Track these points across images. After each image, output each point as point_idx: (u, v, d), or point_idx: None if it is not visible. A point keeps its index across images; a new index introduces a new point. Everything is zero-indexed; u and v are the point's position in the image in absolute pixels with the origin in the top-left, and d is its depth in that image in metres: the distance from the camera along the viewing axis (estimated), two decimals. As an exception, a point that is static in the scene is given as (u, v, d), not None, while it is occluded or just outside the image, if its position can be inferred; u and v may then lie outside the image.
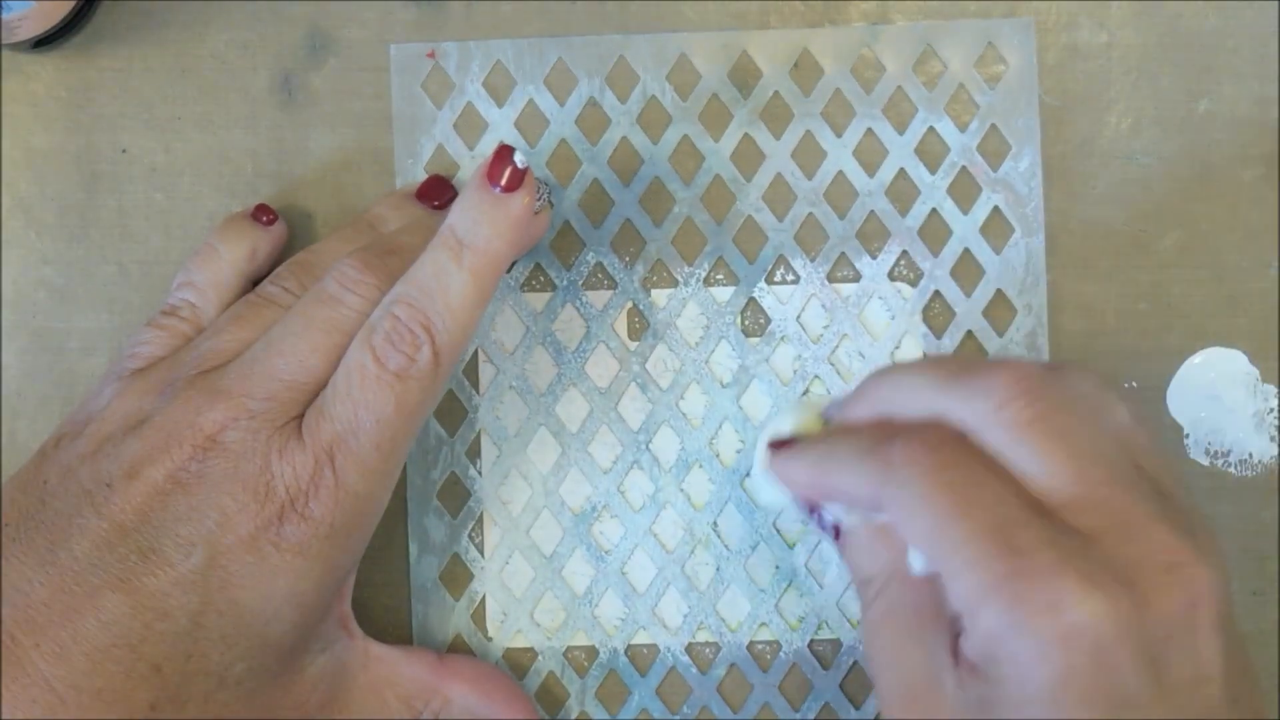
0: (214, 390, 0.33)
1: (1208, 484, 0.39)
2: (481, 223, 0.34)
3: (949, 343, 0.39)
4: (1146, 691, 0.26)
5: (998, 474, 0.28)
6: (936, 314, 0.40)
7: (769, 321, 0.40)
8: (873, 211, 0.40)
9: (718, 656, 0.39)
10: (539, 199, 0.36)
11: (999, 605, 0.26)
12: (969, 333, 0.39)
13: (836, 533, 0.32)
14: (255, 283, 0.37)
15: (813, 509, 0.32)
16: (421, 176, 0.40)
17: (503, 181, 0.34)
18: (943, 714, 0.28)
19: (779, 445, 0.33)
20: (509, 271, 0.40)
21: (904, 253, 0.40)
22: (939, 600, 0.28)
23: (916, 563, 0.29)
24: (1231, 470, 0.39)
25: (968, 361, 0.30)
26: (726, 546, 0.39)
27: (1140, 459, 0.29)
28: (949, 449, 0.28)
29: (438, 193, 0.39)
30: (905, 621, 0.29)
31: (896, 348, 0.39)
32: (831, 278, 0.40)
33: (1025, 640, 0.26)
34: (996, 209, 0.40)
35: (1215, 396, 0.39)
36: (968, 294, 0.39)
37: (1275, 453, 0.39)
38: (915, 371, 0.30)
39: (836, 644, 0.39)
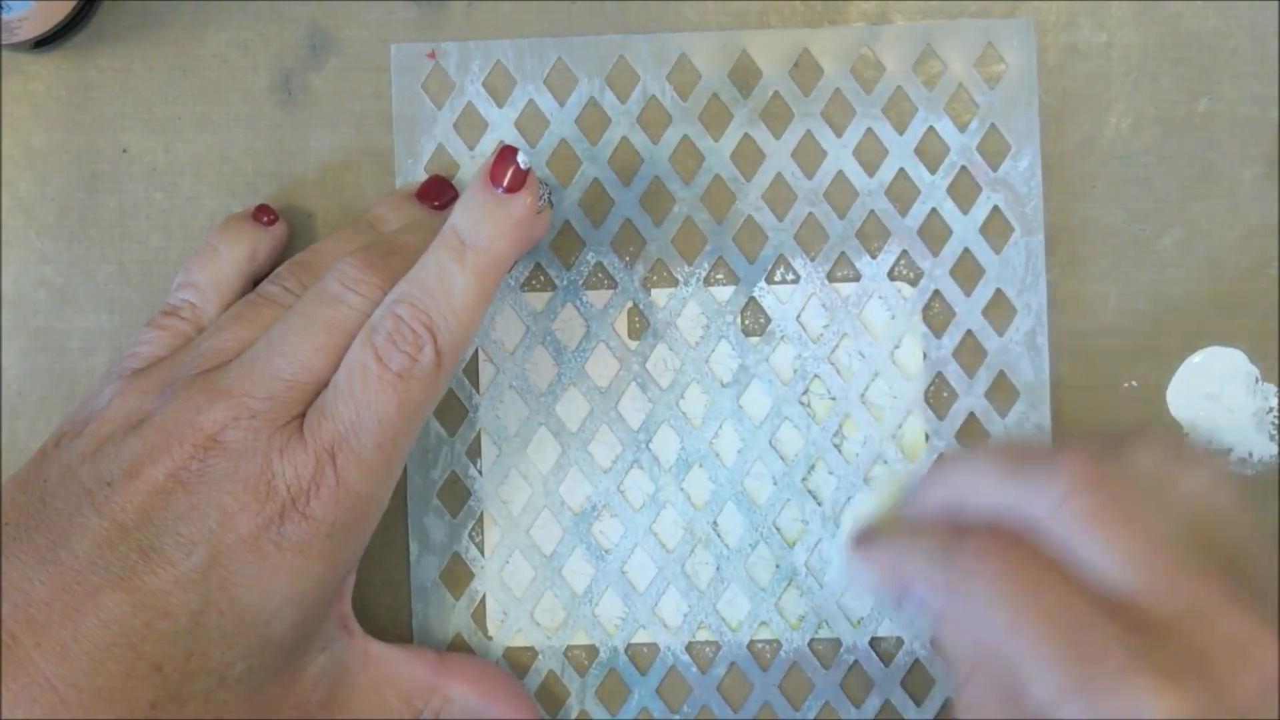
0: (215, 389, 0.33)
1: (1207, 483, 0.39)
2: (484, 223, 0.34)
3: (949, 342, 0.39)
4: None
5: (1061, 576, 0.28)
6: (936, 313, 0.40)
7: (769, 321, 0.40)
8: (873, 211, 0.40)
9: (718, 655, 0.39)
10: (540, 199, 0.36)
11: (1077, 708, 0.27)
12: (969, 332, 0.39)
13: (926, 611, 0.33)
14: (255, 282, 0.37)
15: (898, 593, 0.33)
16: (422, 176, 0.40)
17: (505, 182, 0.34)
18: None
19: (861, 539, 0.35)
20: (509, 271, 0.40)
21: (904, 252, 0.40)
22: None
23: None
24: (1231, 469, 0.39)
25: (1030, 450, 0.30)
26: (726, 545, 0.39)
27: (1214, 531, 0.29)
28: (1012, 553, 0.29)
29: (438, 193, 0.39)
30: (1000, 704, 0.29)
31: (896, 347, 0.39)
32: (831, 277, 0.40)
33: None
34: (996, 208, 0.40)
35: (1215, 396, 0.39)
36: (967, 293, 0.39)
37: (1275, 452, 0.39)
38: (981, 463, 0.31)
39: (836, 643, 0.39)
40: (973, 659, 0.30)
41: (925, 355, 0.39)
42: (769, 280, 0.40)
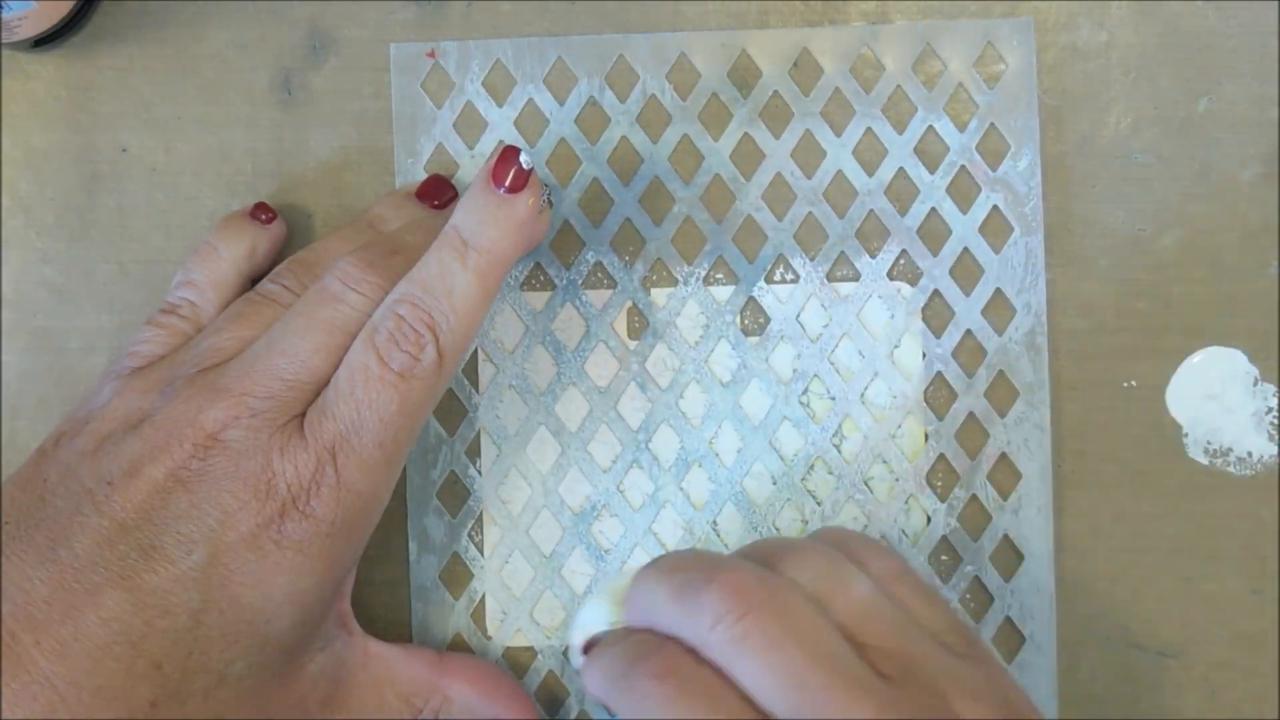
0: (215, 388, 0.33)
1: (1207, 483, 0.39)
2: (486, 223, 0.34)
3: (948, 342, 0.39)
4: None
5: (726, 693, 0.27)
6: (935, 313, 0.40)
7: (768, 321, 0.40)
8: (872, 211, 0.40)
9: (718, 656, 0.39)
10: (540, 199, 0.36)
11: None
12: (968, 332, 0.39)
13: None
14: (254, 281, 0.37)
15: None
16: (421, 176, 0.40)
17: (507, 182, 0.34)
18: None
19: (587, 644, 0.32)
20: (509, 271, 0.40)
21: (903, 252, 0.40)
22: None
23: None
24: (1231, 469, 0.39)
25: (698, 569, 0.29)
26: (726, 546, 0.39)
27: (879, 637, 0.28)
28: (681, 673, 0.28)
29: (438, 192, 0.39)
30: None
31: (896, 346, 0.39)
32: (831, 277, 0.40)
33: None
34: (996, 208, 0.40)
35: (1214, 396, 0.39)
36: (967, 293, 0.39)
37: (1274, 451, 0.39)
38: (652, 583, 0.29)
39: (836, 643, 0.39)
40: None
41: (924, 355, 0.39)
42: (768, 280, 0.40)
